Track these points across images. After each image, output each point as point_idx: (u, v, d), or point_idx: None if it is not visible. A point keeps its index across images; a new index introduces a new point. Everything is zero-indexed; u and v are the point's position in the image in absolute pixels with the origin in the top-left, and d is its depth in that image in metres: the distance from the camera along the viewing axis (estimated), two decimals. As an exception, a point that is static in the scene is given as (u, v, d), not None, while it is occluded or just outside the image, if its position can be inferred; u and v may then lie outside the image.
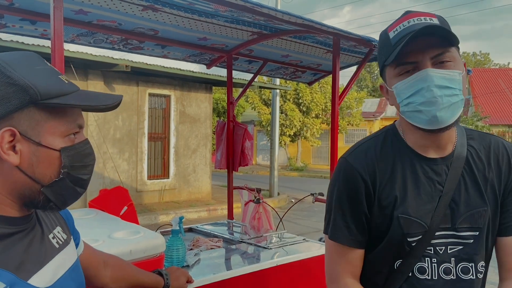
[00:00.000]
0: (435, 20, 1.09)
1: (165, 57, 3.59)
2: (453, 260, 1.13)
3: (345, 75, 4.17)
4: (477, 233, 1.14)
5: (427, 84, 1.05)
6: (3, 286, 0.79)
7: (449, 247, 1.14)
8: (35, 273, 0.87)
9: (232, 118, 3.79)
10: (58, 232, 1.02)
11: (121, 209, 2.67)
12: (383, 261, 1.18)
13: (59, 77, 0.89)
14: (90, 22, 2.79)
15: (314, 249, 2.61)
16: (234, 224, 3.43)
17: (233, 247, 2.69)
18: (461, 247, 1.14)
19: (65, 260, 0.98)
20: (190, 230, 3.17)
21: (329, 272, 1.24)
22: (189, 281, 1.71)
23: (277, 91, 12.25)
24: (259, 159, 26.22)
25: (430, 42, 1.06)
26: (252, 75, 4.18)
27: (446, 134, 1.14)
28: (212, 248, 2.59)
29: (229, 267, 2.32)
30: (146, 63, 8.80)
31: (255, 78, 4.25)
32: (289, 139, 20.62)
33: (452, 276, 1.13)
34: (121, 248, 1.68)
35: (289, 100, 19.97)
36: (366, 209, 1.16)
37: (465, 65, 1.14)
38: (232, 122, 3.78)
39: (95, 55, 7.94)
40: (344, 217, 1.18)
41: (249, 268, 2.25)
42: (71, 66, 7.57)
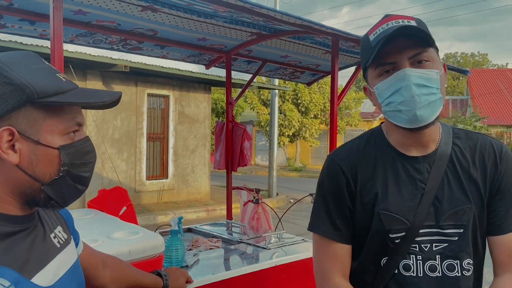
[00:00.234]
0: (413, 22, 1.12)
1: (164, 57, 3.59)
2: (438, 257, 1.15)
3: (343, 76, 4.17)
4: (462, 230, 1.15)
5: (406, 83, 1.09)
6: (7, 284, 0.79)
7: (434, 244, 1.16)
8: (38, 272, 0.87)
9: (231, 119, 3.79)
10: (59, 231, 1.02)
11: (120, 210, 2.67)
12: (370, 259, 1.21)
13: (57, 75, 0.89)
14: (89, 23, 2.79)
15: (313, 249, 2.61)
16: (233, 224, 3.43)
17: (232, 247, 2.70)
18: (446, 245, 1.15)
19: (66, 260, 0.99)
20: (189, 230, 3.17)
21: (319, 270, 1.26)
22: (188, 281, 1.72)
23: (276, 91, 12.26)
24: (258, 159, 26.22)
25: (408, 43, 1.10)
26: (251, 75, 4.18)
27: (427, 133, 1.17)
28: (211, 249, 2.59)
29: (228, 267, 2.32)
30: (144, 64, 8.79)
31: (254, 79, 4.25)
32: (288, 139, 20.62)
33: (438, 273, 1.15)
34: (120, 248, 1.68)
35: (288, 101, 19.98)
36: (350, 204, 1.21)
37: (444, 66, 1.18)
38: (231, 122, 3.78)
39: (93, 55, 7.93)
40: (329, 212, 1.23)
41: (248, 268, 2.25)
42: (70, 66, 7.56)
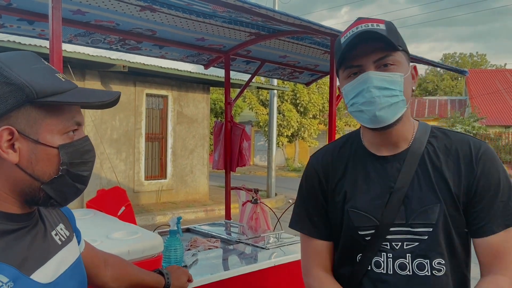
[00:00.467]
0: (382, 26, 1.15)
1: (163, 57, 3.59)
2: (409, 256, 1.17)
3: (342, 76, 4.17)
4: (431, 229, 1.16)
5: (367, 85, 1.13)
6: (6, 281, 0.80)
7: (405, 243, 1.17)
8: (37, 269, 0.88)
9: (229, 119, 3.79)
10: (61, 229, 1.03)
11: (119, 210, 2.67)
12: (346, 255, 1.26)
13: (56, 75, 0.90)
14: (88, 23, 2.79)
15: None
16: (231, 224, 3.43)
17: (231, 247, 2.70)
18: (417, 244, 1.16)
19: (67, 257, 1.00)
20: (188, 230, 3.17)
21: (303, 265, 1.35)
22: (189, 280, 1.72)
23: (275, 91, 12.26)
24: (256, 159, 26.22)
25: (375, 47, 1.14)
26: (249, 75, 4.18)
27: (394, 132, 1.19)
28: (209, 249, 2.59)
29: (226, 267, 2.32)
30: (143, 64, 8.79)
31: (253, 79, 4.25)
32: (286, 139, 20.62)
33: (408, 272, 1.17)
34: (119, 248, 1.68)
35: (286, 101, 19.98)
36: (324, 203, 1.29)
37: (415, 68, 1.22)
38: (229, 122, 3.78)
39: (92, 55, 7.93)
40: (307, 211, 1.32)
41: (247, 268, 2.25)
42: (68, 66, 7.56)
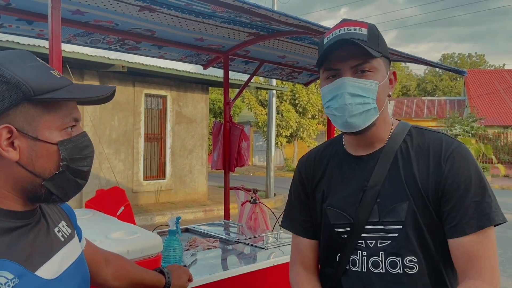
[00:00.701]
0: (364, 31, 1.17)
1: (161, 57, 3.59)
2: (382, 254, 1.18)
3: (341, 76, 4.18)
4: (401, 226, 1.16)
5: (341, 91, 1.16)
6: (11, 277, 0.81)
7: (379, 241, 1.19)
8: (42, 265, 0.89)
9: (228, 119, 3.79)
10: (63, 226, 1.04)
11: (118, 210, 2.67)
12: (328, 254, 1.30)
13: (51, 72, 0.91)
14: (87, 23, 2.79)
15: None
16: (230, 224, 3.43)
17: (230, 247, 2.70)
18: (390, 241, 1.18)
19: (70, 253, 1.01)
20: (187, 230, 3.17)
21: (290, 261, 1.43)
22: (190, 279, 1.72)
23: (274, 91, 12.27)
24: (255, 159, 26.23)
25: (353, 52, 1.15)
26: (248, 75, 4.18)
27: (369, 134, 1.22)
28: (208, 249, 2.60)
29: (225, 267, 2.33)
30: (142, 64, 8.79)
31: (252, 79, 4.26)
32: (285, 140, 20.63)
33: (381, 270, 1.18)
34: (118, 248, 1.68)
35: (285, 101, 19.99)
36: (307, 202, 1.35)
37: (394, 74, 1.25)
38: (228, 122, 3.78)
39: (91, 55, 7.92)
40: (294, 210, 1.39)
41: (246, 268, 2.25)
42: (67, 66, 7.55)
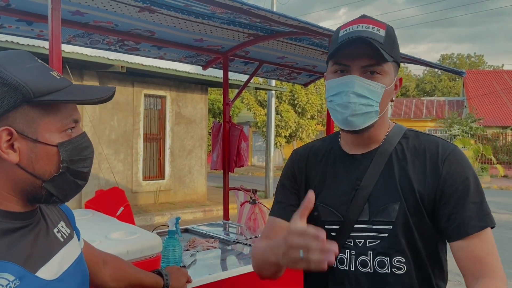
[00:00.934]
0: (381, 32, 1.15)
1: (161, 58, 3.59)
2: (370, 253, 1.18)
3: (340, 77, 4.18)
4: (391, 227, 1.16)
5: (348, 89, 1.14)
6: (12, 279, 0.81)
7: (368, 240, 1.18)
8: (42, 266, 0.89)
9: (228, 119, 3.80)
10: (62, 226, 1.04)
11: (117, 210, 2.67)
12: None
13: (51, 73, 0.90)
14: (87, 23, 2.80)
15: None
16: (230, 225, 3.44)
17: (229, 247, 2.70)
18: (379, 241, 1.17)
19: (70, 254, 1.01)
20: (186, 230, 3.17)
21: None
22: (188, 281, 1.72)
23: (273, 92, 12.27)
24: (254, 160, 26.22)
25: (367, 52, 1.13)
26: (248, 76, 4.19)
27: (366, 135, 1.22)
28: (208, 249, 2.60)
29: (225, 267, 2.33)
30: (141, 64, 8.79)
31: (251, 80, 4.26)
32: (284, 140, 20.62)
33: (369, 269, 1.17)
34: (118, 249, 1.68)
35: (284, 101, 19.98)
36: (295, 191, 1.33)
37: (400, 80, 1.24)
38: (228, 123, 3.79)
39: (90, 55, 7.92)
40: (279, 196, 1.37)
41: (245, 269, 2.26)
42: (66, 66, 7.55)
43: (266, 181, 12.18)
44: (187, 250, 2.52)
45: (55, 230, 1.00)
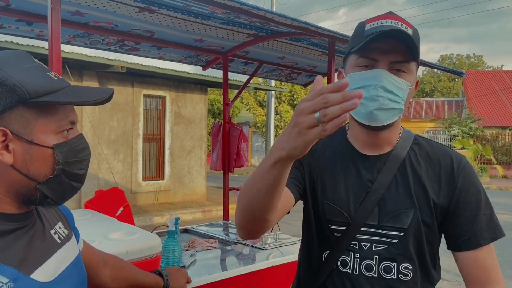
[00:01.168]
0: (409, 31, 1.13)
1: (161, 58, 3.60)
2: (376, 258, 1.16)
3: (340, 77, 4.18)
4: (402, 233, 1.15)
5: (376, 83, 1.10)
6: (6, 281, 0.80)
7: (374, 244, 1.17)
8: (37, 268, 0.88)
9: (227, 120, 3.80)
10: (60, 227, 1.03)
11: (117, 210, 2.67)
12: (314, 251, 1.25)
13: (48, 74, 0.89)
14: (87, 24, 2.80)
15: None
16: (229, 225, 3.44)
17: (229, 248, 2.70)
18: (386, 246, 1.16)
19: (67, 255, 1.00)
20: (186, 231, 3.17)
21: None
22: (188, 281, 1.72)
23: (272, 92, 12.29)
24: (254, 160, 26.22)
25: (397, 48, 1.10)
26: (247, 76, 4.19)
27: (382, 135, 1.19)
28: (208, 249, 2.60)
29: (224, 267, 2.33)
30: (141, 64, 8.78)
31: (251, 80, 4.27)
32: (284, 140, 20.63)
33: (374, 274, 1.16)
34: (117, 249, 1.69)
35: (284, 102, 20.00)
36: (299, 171, 1.23)
37: (417, 82, 1.21)
38: (227, 123, 3.79)
39: (90, 55, 7.92)
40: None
41: (245, 269, 2.26)
42: (66, 66, 7.55)
43: (265, 181, 12.15)
44: (187, 250, 2.52)
45: (52, 231, 0.99)
